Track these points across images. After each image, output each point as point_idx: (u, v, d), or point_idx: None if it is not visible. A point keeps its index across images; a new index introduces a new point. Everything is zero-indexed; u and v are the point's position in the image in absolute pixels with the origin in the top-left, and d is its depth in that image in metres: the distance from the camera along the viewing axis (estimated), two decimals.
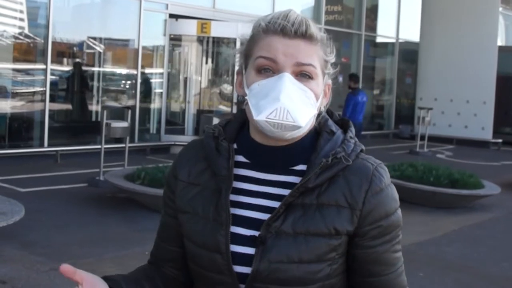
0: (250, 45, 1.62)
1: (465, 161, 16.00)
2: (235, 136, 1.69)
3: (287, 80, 1.53)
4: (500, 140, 20.08)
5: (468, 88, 20.35)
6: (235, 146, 1.68)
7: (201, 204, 1.63)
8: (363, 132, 18.55)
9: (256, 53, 1.58)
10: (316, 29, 1.59)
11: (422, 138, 17.53)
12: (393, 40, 22.18)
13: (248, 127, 1.67)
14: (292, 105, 1.51)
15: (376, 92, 22.40)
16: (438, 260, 7.30)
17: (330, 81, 1.67)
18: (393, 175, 10.42)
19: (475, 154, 17.79)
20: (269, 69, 1.56)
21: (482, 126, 20.28)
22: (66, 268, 1.50)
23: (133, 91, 14.76)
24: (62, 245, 6.95)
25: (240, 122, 1.71)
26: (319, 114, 1.65)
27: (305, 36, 1.56)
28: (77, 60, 14.23)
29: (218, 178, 1.62)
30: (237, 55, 1.69)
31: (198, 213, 1.63)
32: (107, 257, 6.59)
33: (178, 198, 1.70)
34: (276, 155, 1.62)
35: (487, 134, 20.29)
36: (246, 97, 1.58)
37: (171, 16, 15.15)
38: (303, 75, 1.56)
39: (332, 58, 1.64)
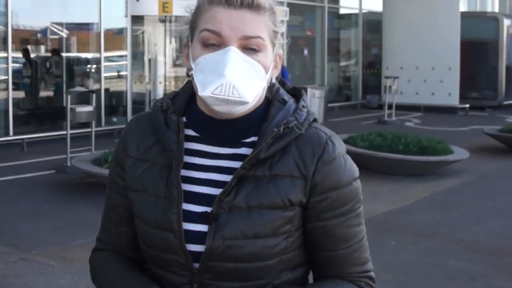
0: (195, 17, 1.55)
1: (433, 128, 16.08)
2: (184, 109, 1.62)
3: (233, 54, 1.46)
4: (467, 105, 20.19)
5: (433, 55, 20.38)
6: (184, 119, 1.61)
7: (151, 181, 1.56)
8: (330, 104, 18.63)
9: (201, 25, 1.51)
10: None
11: (390, 107, 17.57)
12: (356, 11, 22.14)
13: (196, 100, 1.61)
14: (238, 80, 1.45)
15: (342, 63, 22.37)
16: (410, 227, 7.32)
17: (281, 51, 1.60)
18: (362, 145, 10.44)
19: (443, 121, 17.88)
20: (215, 44, 1.49)
21: (448, 92, 20.36)
22: None
23: (98, 75, 14.56)
24: (31, 234, 6.84)
25: (188, 94, 1.63)
26: (271, 86, 1.58)
27: (252, 6, 1.49)
28: (40, 46, 13.98)
29: (168, 153, 1.55)
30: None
31: (148, 191, 1.56)
32: (77, 243, 6.49)
33: (128, 174, 1.61)
34: (226, 128, 1.56)
35: (454, 100, 20.39)
36: (191, 72, 1.51)
37: None
38: (250, 48, 1.49)
39: (281, 29, 1.58)
